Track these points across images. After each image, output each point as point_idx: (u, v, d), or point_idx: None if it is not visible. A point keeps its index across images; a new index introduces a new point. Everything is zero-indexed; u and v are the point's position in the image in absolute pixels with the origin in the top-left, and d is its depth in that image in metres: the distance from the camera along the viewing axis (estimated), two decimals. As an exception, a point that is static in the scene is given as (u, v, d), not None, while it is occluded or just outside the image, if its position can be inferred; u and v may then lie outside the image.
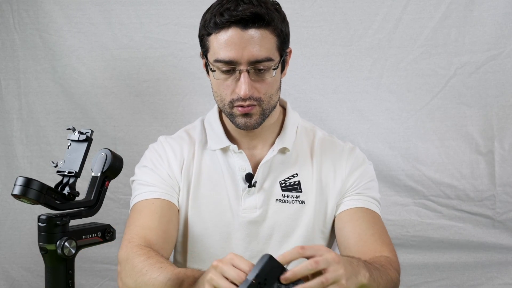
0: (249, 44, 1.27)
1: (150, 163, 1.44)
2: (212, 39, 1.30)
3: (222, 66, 1.30)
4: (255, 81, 1.30)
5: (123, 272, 1.27)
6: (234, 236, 1.39)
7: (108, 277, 2.47)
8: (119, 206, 2.43)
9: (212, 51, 1.31)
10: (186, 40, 2.43)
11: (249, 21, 1.26)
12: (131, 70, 2.44)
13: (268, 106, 1.34)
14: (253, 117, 1.33)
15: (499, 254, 2.41)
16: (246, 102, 1.31)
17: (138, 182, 1.43)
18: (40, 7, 2.43)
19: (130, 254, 1.27)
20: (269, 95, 1.33)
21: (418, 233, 2.41)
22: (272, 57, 1.30)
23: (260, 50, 1.27)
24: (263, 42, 1.28)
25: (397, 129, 2.41)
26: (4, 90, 2.48)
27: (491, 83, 2.38)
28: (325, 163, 1.43)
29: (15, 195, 1.01)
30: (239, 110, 1.32)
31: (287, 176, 1.41)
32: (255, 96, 1.31)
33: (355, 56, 2.40)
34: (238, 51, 1.27)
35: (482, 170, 2.40)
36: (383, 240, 1.36)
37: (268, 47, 1.29)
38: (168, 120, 2.44)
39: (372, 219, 1.39)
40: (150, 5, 2.42)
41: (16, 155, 2.48)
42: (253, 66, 1.28)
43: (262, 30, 1.28)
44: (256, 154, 1.42)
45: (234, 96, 1.31)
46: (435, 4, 2.37)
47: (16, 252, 2.48)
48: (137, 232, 1.32)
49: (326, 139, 1.47)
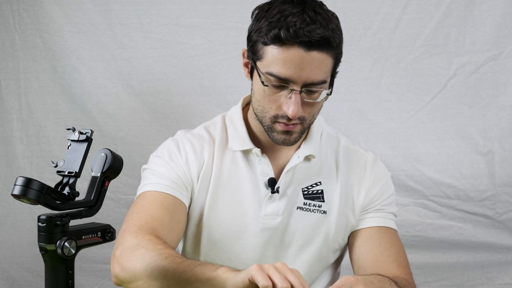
0: (309, 66, 1.20)
1: (167, 155, 1.38)
2: (269, 50, 1.22)
3: (275, 81, 1.23)
4: (304, 102, 1.25)
5: (127, 256, 1.22)
6: (252, 242, 1.36)
7: (108, 277, 2.47)
8: (119, 206, 2.43)
9: (266, 62, 1.23)
10: (186, 40, 2.43)
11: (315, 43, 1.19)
12: (131, 70, 2.44)
13: (309, 124, 1.31)
14: (293, 135, 1.29)
15: (499, 254, 2.41)
16: (292, 121, 1.26)
17: (151, 172, 1.37)
18: (40, 7, 2.43)
19: (142, 241, 1.22)
20: (313, 114, 1.29)
21: (418, 233, 2.41)
22: (326, 79, 1.25)
23: (318, 74, 1.22)
24: (322, 65, 1.22)
25: (397, 129, 2.41)
26: (4, 90, 2.48)
27: (491, 83, 2.38)
28: (351, 174, 1.40)
29: (15, 195, 1.01)
30: (281, 126, 1.27)
31: (311, 184, 1.38)
32: (300, 116, 1.26)
33: (355, 56, 2.40)
34: (297, 71, 1.20)
35: (482, 170, 2.40)
36: (400, 262, 1.34)
37: (326, 70, 1.24)
38: (168, 120, 2.44)
39: (390, 239, 1.37)
40: (150, 5, 2.42)
41: (16, 155, 2.48)
42: (307, 88, 1.23)
43: (324, 53, 1.21)
44: (280, 158, 1.38)
45: (280, 112, 1.26)
46: (435, 4, 2.37)
47: (16, 252, 2.48)
48: (148, 221, 1.27)
49: (349, 148, 1.44)
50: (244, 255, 1.35)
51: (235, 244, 1.36)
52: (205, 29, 2.40)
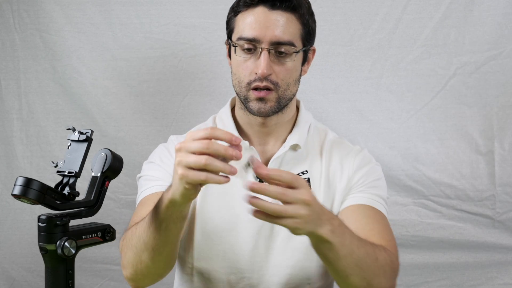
0: (273, 24, 1.29)
1: (157, 159, 1.43)
2: (239, 18, 1.33)
3: (245, 44, 1.31)
4: (274, 63, 1.31)
5: (122, 255, 1.26)
6: (244, 232, 1.38)
7: (108, 277, 2.47)
8: (119, 206, 2.43)
9: (236, 31, 1.34)
10: (186, 40, 2.43)
11: (277, 2, 1.29)
12: (132, 70, 2.44)
13: (284, 94, 1.34)
14: (268, 103, 1.33)
15: (499, 254, 2.41)
16: (263, 82, 1.31)
17: (145, 178, 1.42)
18: (41, 7, 2.43)
19: (126, 235, 1.27)
20: (286, 83, 1.33)
21: (418, 233, 2.41)
22: (294, 42, 1.32)
23: (284, 33, 1.30)
24: (288, 25, 1.30)
25: (397, 129, 2.41)
26: (4, 90, 2.48)
27: (491, 83, 2.38)
28: (333, 161, 1.42)
29: (15, 195, 1.01)
30: (254, 93, 1.32)
31: (297, 173, 1.40)
32: (272, 80, 1.31)
33: (355, 56, 2.40)
34: (262, 30, 1.29)
35: (482, 170, 2.40)
36: (383, 235, 1.33)
37: (292, 31, 1.31)
38: (168, 120, 2.44)
39: (374, 216, 1.37)
40: (150, 5, 2.42)
41: (16, 155, 2.48)
42: (274, 47, 1.30)
43: (288, 13, 1.31)
44: (268, 150, 1.42)
45: (252, 77, 1.32)
46: (435, 4, 2.37)
47: (16, 252, 2.48)
48: (136, 221, 1.30)
49: (335, 140, 1.47)
50: (236, 246, 1.37)
51: (228, 236, 1.37)
52: (205, 29, 2.40)
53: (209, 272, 1.38)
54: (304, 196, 1.00)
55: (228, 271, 1.37)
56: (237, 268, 1.37)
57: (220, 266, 1.37)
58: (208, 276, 1.38)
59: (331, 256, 1.11)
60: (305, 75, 1.44)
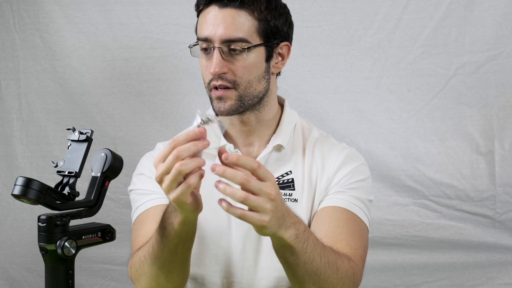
0: (223, 22, 1.27)
1: (147, 170, 1.40)
2: (199, 18, 1.33)
3: (203, 44, 1.31)
4: (229, 61, 1.29)
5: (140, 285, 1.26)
6: (234, 236, 1.36)
7: (108, 277, 2.47)
8: (119, 206, 2.43)
9: (197, 32, 1.33)
10: (186, 40, 2.40)
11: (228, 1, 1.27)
12: (131, 70, 2.44)
13: (246, 92, 1.31)
14: (227, 101, 1.31)
15: (499, 254, 2.41)
16: (219, 82, 1.29)
17: (137, 192, 1.40)
18: (40, 7, 2.43)
19: (134, 263, 1.26)
20: (246, 80, 1.31)
21: (418, 233, 2.41)
22: (248, 39, 1.29)
23: (234, 30, 1.27)
24: (238, 22, 1.28)
25: (397, 129, 2.41)
26: (4, 90, 2.48)
27: (491, 83, 2.38)
28: (315, 160, 1.40)
29: (15, 195, 1.01)
30: (214, 93, 1.32)
31: (281, 173, 1.38)
32: (228, 78, 1.29)
33: (355, 56, 2.40)
34: (213, 28, 1.27)
35: (482, 170, 2.40)
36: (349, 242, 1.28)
37: (243, 28, 1.28)
38: (168, 120, 2.44)
39: (345, 219, 1.31)
40: (150, 5, 2.42)
41: (16, 155, 2.48)
42: (226, 45, 1.28)
43: (238, 10, 1.28)
44: (252, 152, 1.40)
45: (210, 76, 1.31)
46: (435, 4, 2.37)
47: (16, 252, 2.48)
48: (141, 242, 1.29)
49: (320, 139, 1.44)
50: (228, 250, 1.36)
51: (220, 240, 1.36)
52: (205, 29, 2.40)
53: (203, 277, 1.37)
54: (269, 189, 0.98)
55: (221, 275, 1.36)
56: (228, 272, 1.36)
57: (213, 270, 1.36)
58: (202, 281, 1.37)
59: (291, 261, 1.11)
60: (278, 71, 1.39)
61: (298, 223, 1.08)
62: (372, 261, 1.43)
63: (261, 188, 0.98)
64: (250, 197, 0.97)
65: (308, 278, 1.13)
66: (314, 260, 1.11)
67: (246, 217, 0.99)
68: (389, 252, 2.41)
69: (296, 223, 1.07)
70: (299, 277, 1.14)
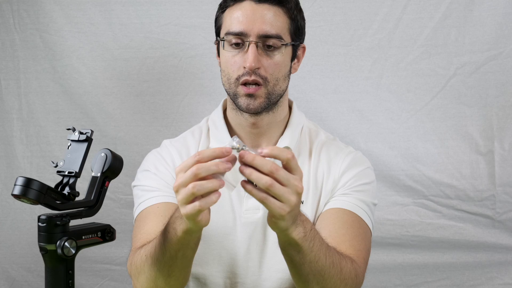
0: (260, 18, 1.28)
1: (152, 167, 1.40)
2: (226, 14, 1.32)
3: (232, 39, 1.29)
4: (262, 57, 1.29)
5: (138, 283, 1.26)
6: (237, 237, 1.36)
7: (108, 277, 2.47)
8: (119, 206, 2.43)
9: (224, 27, 1.32)
10: (186, 41, 2.43)
11: None
12: (132, 70, 2.44)
13: (274, 90, 1.32)
14: (257, 99, 1.31)
15: (499, 254, 2.41)
16: (252, 77, 1.28)
17: (141, 188, 1.39)
18: (41, 7, 2.44)
19: (134, 261, 1.26)
20: (275, 78, 1.31)
21: (418, 233, 2.41)
22: (282, 36, 1.30)
23: (271, 26, 1.28)
24: (275, 19, 1.29)
25: (397, 129, 2.41)
26: (4, 90, 2.48)
27: (491, 83, 2.38)
28: (321, 162, 1.40)
29: (15, 195, 1.01)
30: (244, 89, 1.30)
31: None
32: (261, 74, 1.29)
33: (355, 56, 2.40)
34: (249, 23, 1.27)
35: (482, 170, 2.40)
36: (353, 244, 1.29)
37: (279, 25, 1.30)
38: (168, 120, 2.44)
39: (350, 222, 1.32)
40: (150, 5, 2.43)
41: (16, 155, 2.48)
42: (262, 40, 1.28)
43: (275, 7, 1.30)
44: None
45: (241, 71, 1.29)
46: (435, 4, 2.37)
47: (16, 252, 2.48)
48: (142, 239, 1.29)
49: (327, 142, 1.44)
50: (232, 250, 1.36)
51: (224, 240, 1.36)
52: (205, 29, 2.40)
53: (205, 277, 1.37)
54: (297, 182, 0.97)
55: (224, 275, 1.37)
56: (232, 272, 1.37)
57: (216, 270, 1.36)
58: (205, 281, 1.37)
59: (297, 260, 1.11)
60: (295, 73, 1.42)
61: (306, 221, 1.09)
62: (372, 261, 1.43)
63: (289, 179, 0.97)
64: (276, 185, 0.96)
65: (313, 277, 1.13)
66: (319, 259, 1.11)
67: (269, 202, 0.97)
68: (389, 252, 2.41)
69: (304, 221, 1.07)
70: (303, 276, 1.14)
